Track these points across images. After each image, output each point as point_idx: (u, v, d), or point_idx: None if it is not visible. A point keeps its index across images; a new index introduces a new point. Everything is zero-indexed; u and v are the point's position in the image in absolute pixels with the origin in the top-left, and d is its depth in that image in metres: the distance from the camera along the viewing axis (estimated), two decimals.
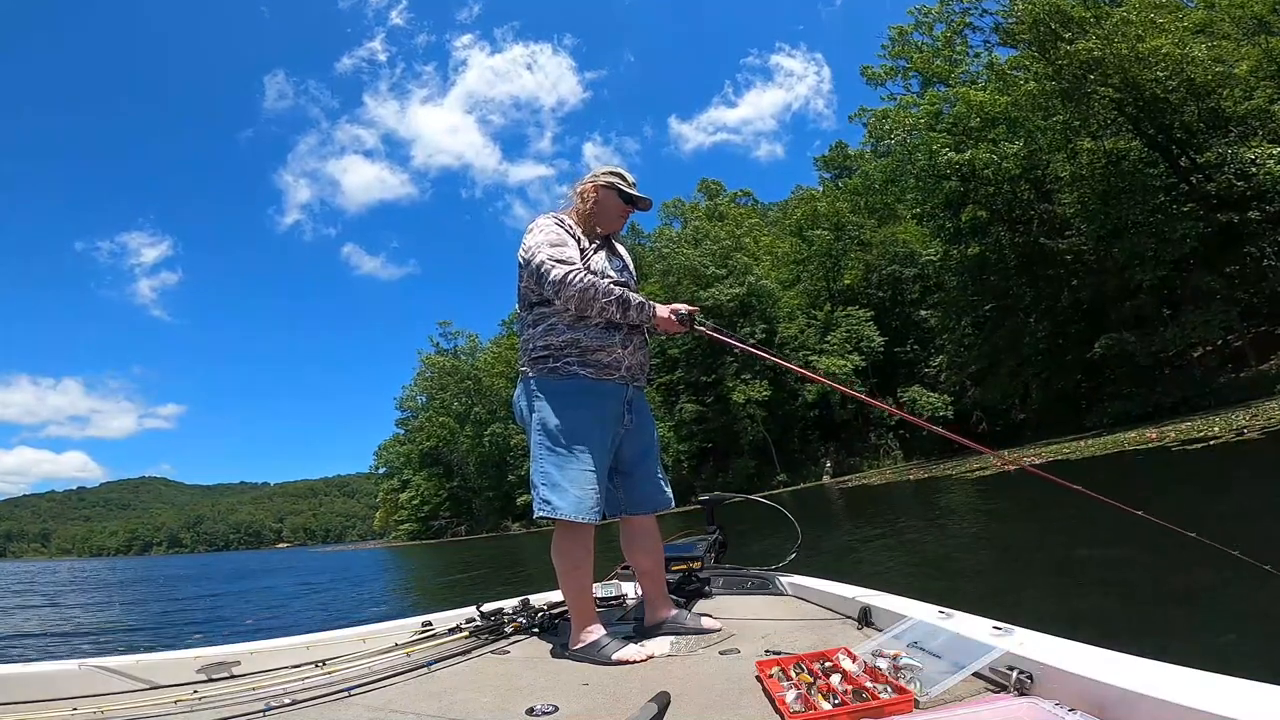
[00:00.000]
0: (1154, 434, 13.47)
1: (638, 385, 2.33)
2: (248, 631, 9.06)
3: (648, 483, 2.37)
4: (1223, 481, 7.73)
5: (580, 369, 2.20)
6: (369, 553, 52.04)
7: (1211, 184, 19.00)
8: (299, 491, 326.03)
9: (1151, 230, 19.87)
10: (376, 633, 2.39)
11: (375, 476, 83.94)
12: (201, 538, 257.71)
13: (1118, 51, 18.71)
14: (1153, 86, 18.87)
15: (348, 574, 23.31)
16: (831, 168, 49.92)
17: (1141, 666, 1.09)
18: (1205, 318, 19.47)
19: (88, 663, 1.87)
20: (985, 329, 30.35)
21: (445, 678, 1.90)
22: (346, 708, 1.65)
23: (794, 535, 3.17)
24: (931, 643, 1.49)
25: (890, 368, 39.64)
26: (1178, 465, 9.65)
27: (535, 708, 1.50)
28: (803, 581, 2.68)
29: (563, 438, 2.17)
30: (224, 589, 19.36)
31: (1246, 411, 13.17)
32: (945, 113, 28.61)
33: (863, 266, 42.20)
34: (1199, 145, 19.55)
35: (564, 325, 2.21)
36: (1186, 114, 19.34)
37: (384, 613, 10.36)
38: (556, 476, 2.14)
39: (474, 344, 67.44)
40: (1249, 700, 0.89)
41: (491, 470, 60.08)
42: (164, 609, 13.53)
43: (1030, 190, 26.89)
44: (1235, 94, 19.02)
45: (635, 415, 2.33)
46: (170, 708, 1.67)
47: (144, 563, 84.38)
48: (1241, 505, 5.84)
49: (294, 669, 1.93)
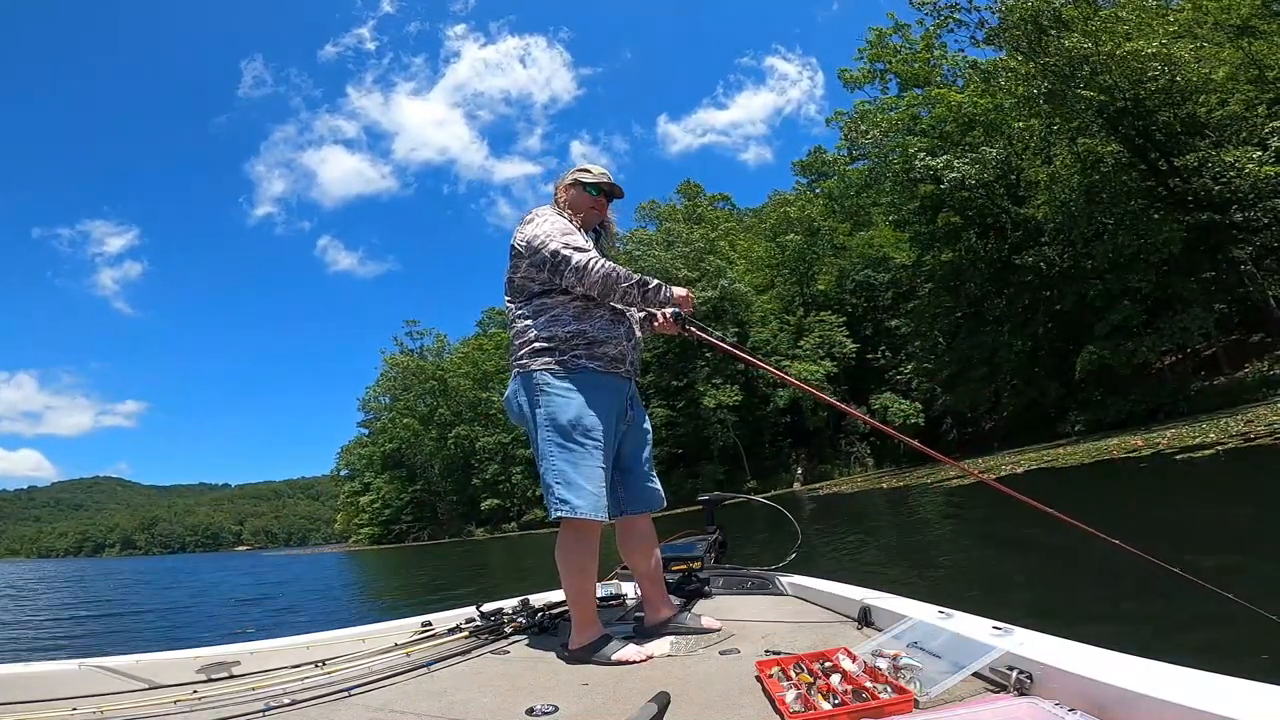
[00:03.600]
0: (1140, 441, 13.04)
1: (637, 380, 2.34)
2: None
3: (646, 481, 2.36)
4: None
5: (588, 361, 2.17)
6: (323, 557, 50.34)
7: (1190, 188, 18.76)
8: (261, 493, 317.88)
9: (1132, 234, 19.61)
10: (376, 633, 2.39)
11: (338, 479, 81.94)
12: (156, 539, 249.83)
13: (1106, 50, 18.40)
14: (1137, 87, 18.59)
15: (261, 584, 21.58)
16: (809, 173, 49.88)
17: (1141, 666, 1.09)
18: (1184, 324, 19.21)
19: (87, 662, 1.88)
20: (957, 336, 30.12)
21: (445, 678, 1.90)
22: (346, 708, 1.64)
23: (794, 535, 3.19)
24: (931, 643, 1.49)
25: (862, 374, 39.49)
26: (1186, 473, 9.08)
27: (535, 708, 1.49)
28: (803, 581, 2.70)
29: (575, 433, 2.12)
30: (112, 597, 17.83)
31: (1238, 417, 12.76)
32: (923, 115, 28.39)
33: (836, 272, 42.22)
34: (1179, 148, 19.32)
35: (569, 316, 2.19)
36: (1167, 116, 19.11)
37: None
38: (572, 474, 2.08)
39: (441, 344, 65.93)
40: (1249, 700, 0.89)
41: (456, 474, 58.84)
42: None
43: (1005, 196, 26.67)
44: (1211, 100, 18.88)
45: (634, 411, 2.32)
46: (170, 708, 1.67)
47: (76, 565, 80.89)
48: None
49: (294, 669, 1.93)
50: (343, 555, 51.52)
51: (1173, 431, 13.08)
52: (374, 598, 14.00)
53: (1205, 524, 4.80)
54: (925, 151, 26.33)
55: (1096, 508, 7.51)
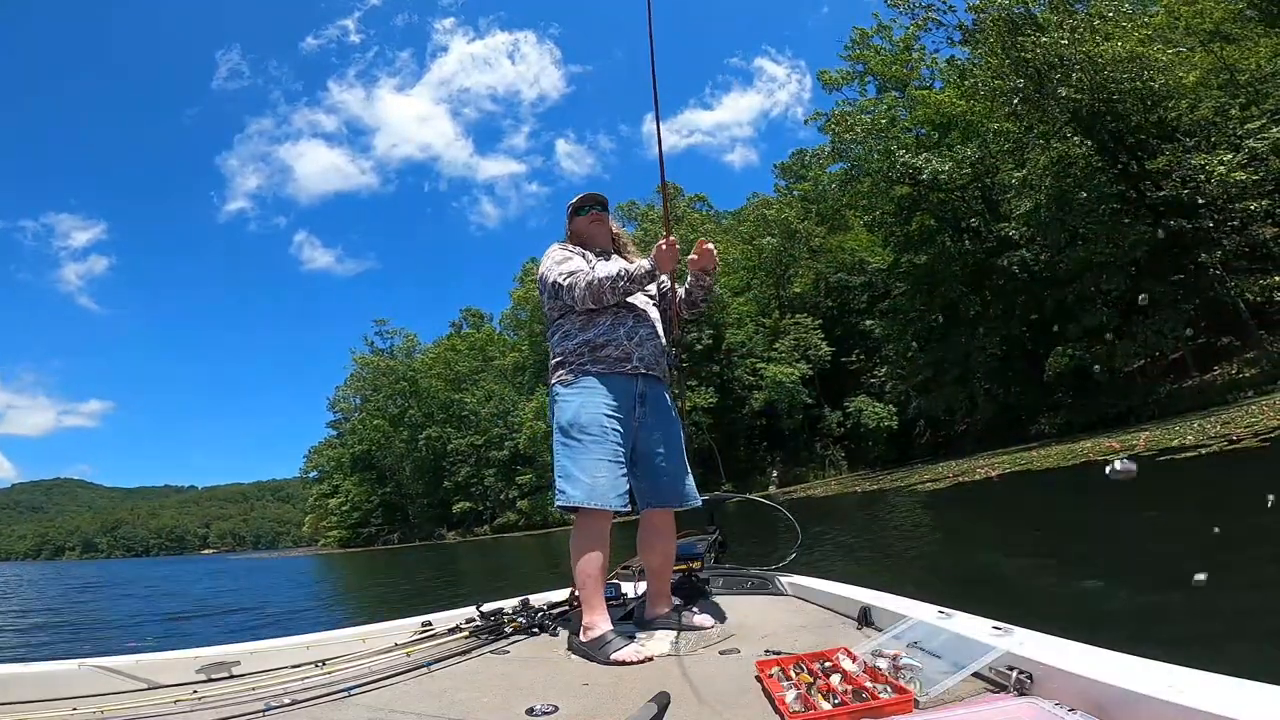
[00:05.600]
0: (1115, 444, 12.89)
1: (653, 376, 2.39)
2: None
3: (662, 477, 2.37)
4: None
5: (592, 366, 2.30)
6: (283, 561, 48.98)
7: (1160, 192, 18.80)
8: (229, 495, 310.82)
9: (1103, 238, 19.62)
10: (376, 632, 2.40)
11: (307, 481, 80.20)
12: (119, 542, 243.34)
13: (1083, 50, 18.36)
14: (1112, 88, 18.57)
15: (192, 589, 20.48)
16: (789, 175, 49.93)
17: (1141, 666, 1.09)
18: (1155, 327, 19.23)
19: (87, 662, 1.86)
20: (931, 339, 30.15)
21: (445, 678, 1.89)
22: (346, 708, 1.63)
23: (794, 535, 3.19)
24: (931, 643, 1.50)
25: (837, 377, 39.45)
26: (1175, 475, 8.79)
27: (535, 708, 1.48)
28: (803, 581, 2.70)
29: (573, 430, 2.23)
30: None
31: (1212, 419, 12.63)
32: (902, 117, 28.38)
33: (812, 275, 42.17)
34: (1150, 152, 19.35)
35: (576, 329, 2.36)
36: (1139, 119, 19.13)
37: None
38: (570, 468, 2.20)
39: (411, 344, 64.66)
40: (1249, 700, 0.89)
41: (427, 476, 57.77)
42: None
43: (980, 198, 26.69)
44: (1182, 105, 18.95)
45: (650, 407, 2.36)
46: (170, 708, 1.66)
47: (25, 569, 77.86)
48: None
49: (294, 669, 1.92)
50: (308, 559, 50.20)
51: (1147, 434, 12.96)
52: (282, 616, 11.32)
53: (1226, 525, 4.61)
54: (905, 149, 26.31)
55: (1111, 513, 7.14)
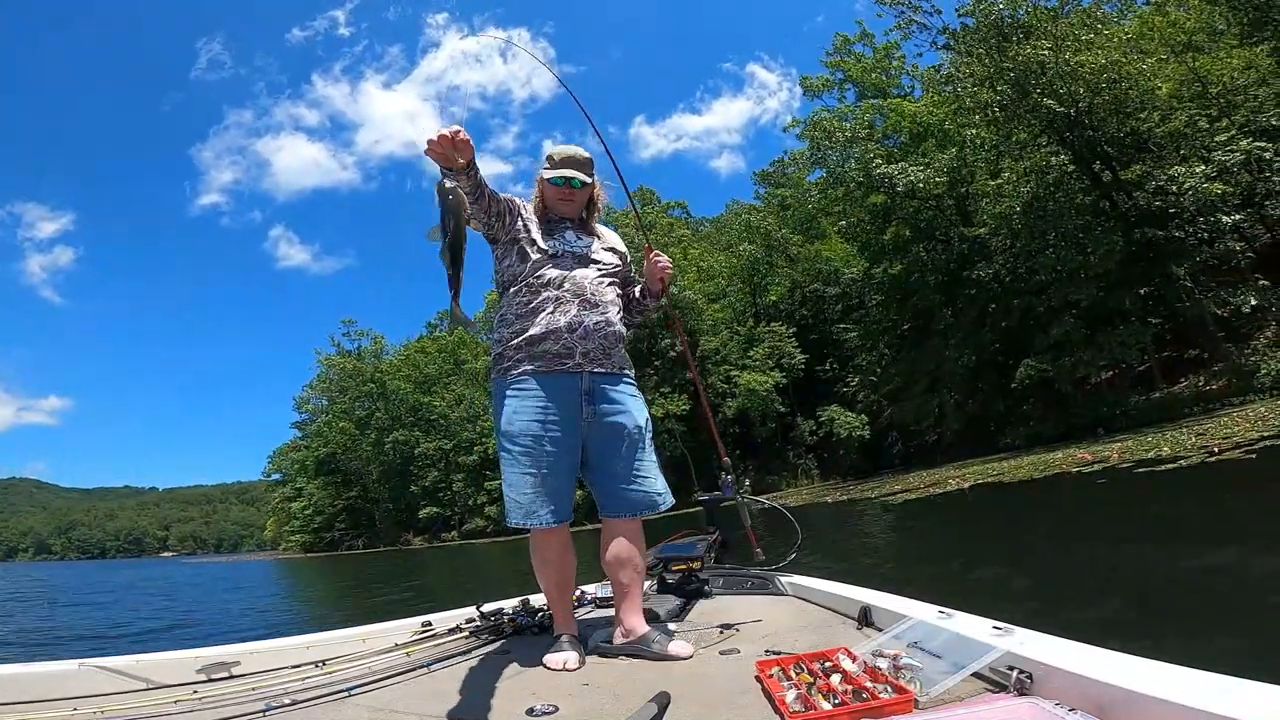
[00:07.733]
0: (1087, 455, 12.64)
1: (600, 371, 2.11)
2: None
3: (620, 482, 2.13)
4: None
5: (529, 363, 2.05)
6: (235, 567, 47.13)
7: (1132, 201, 18.82)
8: (191, 498, 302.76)
9: (1073, 248, 19.60)
10: (376, 633, 2.38)
11: (270, 483, 78.14)
12: (74, 544, 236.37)
13: (1066, 59, 18.35)
14: (1091, 97, 18.58)
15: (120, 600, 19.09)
16: (769, 182, 50.08)
17: (1141, 666, 1.08)
18: (1122, 339, 19.22)
19: (88, 663, 1.86)
20: (903, 349, 30.06)
21: (445, 678, 1.87)
22: (347, 708, 1.63)
23: (794, 535, 3.12)
24: (932, 643, 1.48)
25: (810, 386, 39.39)
26: (1155, 487, 8.50)
27: (535, 708, 1.48)
28: (803, 581, 2.67)
29: (507, 441, 2.06)
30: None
31: (1186, 429, 12.44)
32: (878, 125, 28.40)
33: (788, 283, 42.09)
34: (1123, 161, 19.39)
35: (512, 315, 2.11)
36: (1114, 129, 19.17)
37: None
38: (507, 481, 2.06)
39: (379, 346, 63.32)
40: (1249, 700, 0.89)
41: (394, 480, 56.51)
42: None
43: (954, 208, 26.72)
44: (1154, 116, 19.04)
45: (599, 406, 2.09)
46: (170, 708, 1.65)
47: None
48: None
49: (294, 669, 1.91)
50: (262, 564, 48.62)
51: (1119, 445, 12.74)
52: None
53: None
54: (881, 159, 26.30)
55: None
